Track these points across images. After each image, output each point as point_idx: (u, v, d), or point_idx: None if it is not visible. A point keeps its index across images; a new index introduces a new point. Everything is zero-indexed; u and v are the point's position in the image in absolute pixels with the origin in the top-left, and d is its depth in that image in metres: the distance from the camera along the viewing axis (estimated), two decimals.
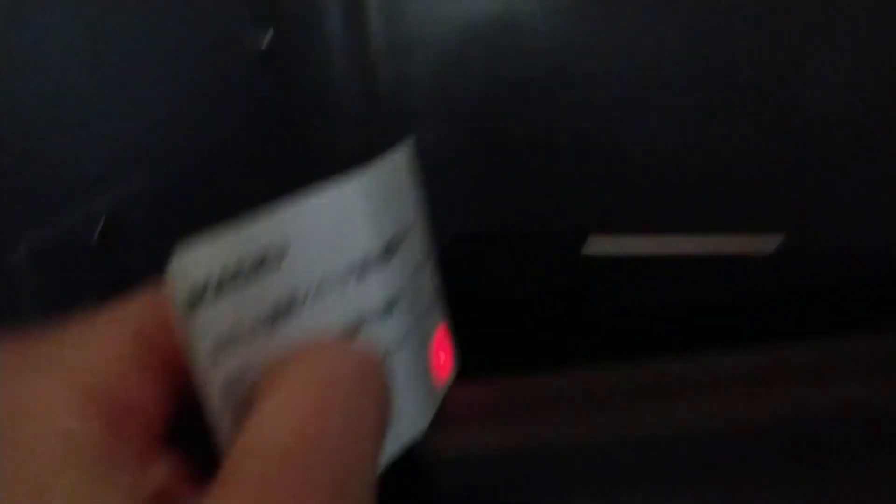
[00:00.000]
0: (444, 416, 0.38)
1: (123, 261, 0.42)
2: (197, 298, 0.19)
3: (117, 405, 0.18)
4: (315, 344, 0.20)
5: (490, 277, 0.51)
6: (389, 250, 0.24)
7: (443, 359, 0.33)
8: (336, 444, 0.18)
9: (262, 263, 0.20)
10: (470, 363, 0.40)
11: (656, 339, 0.48)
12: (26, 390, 0.18)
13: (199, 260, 0.19)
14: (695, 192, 0.56)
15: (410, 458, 0.33)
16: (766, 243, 0.51)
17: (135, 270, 0.43)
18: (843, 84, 0.53)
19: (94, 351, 0.19)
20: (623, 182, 0.58)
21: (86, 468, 0.17)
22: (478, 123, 0.59)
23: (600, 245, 0.52)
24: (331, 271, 0.22)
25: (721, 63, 0.54)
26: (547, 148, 0.59)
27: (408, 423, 0.29)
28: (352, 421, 0.18)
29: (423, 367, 0.30)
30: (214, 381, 0.19)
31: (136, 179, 0.43)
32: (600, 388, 0.40)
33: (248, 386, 0.20)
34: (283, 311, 0.21)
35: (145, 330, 0.19)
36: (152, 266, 0.20)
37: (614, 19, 0.55)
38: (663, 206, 0.58)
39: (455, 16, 0.56)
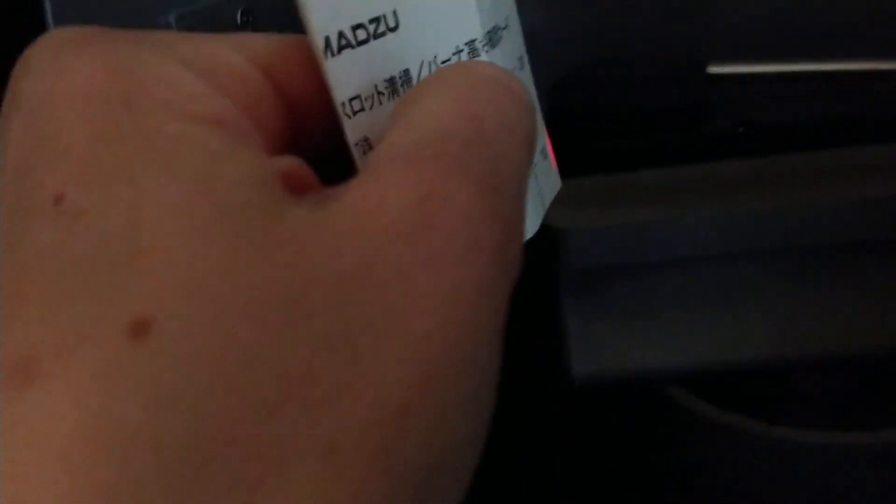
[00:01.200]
0: (568, 196, 0.40)
1: None
2: (329, 45, 0.18)
3: (242, 96, 0.17)
4: (448, 66, 0.19)
5: (614, 96, 0.51)
6: (493, 40, 0.23)
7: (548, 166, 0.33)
8: (490, 134, 0.17)
9: (378, 27, 0.19)
10: (592, 170, 0.41)
11: (778, 149, 0.48)
12: (144, 58, 0.16)
13: (328, 8, 0.18)
14: (817, 24, 0.54)
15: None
16: (893, 66, 0.50)
17: None
18: None
19: (216, 52, 0.17)
20: (743, 15, 0.57)
21: (216, 127, 0.16)
22: None
23: (725, 65, 0.52)
24: (442, 47, 0.21)
25: None
26: None
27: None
28: (503, 119, 0.17)
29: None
30: (350, 132, 0.19)
31: None
32: (714, 176, 0.41)
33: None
34: (400, 83, 0.20)
35: (269, 58, 0.18)
36: None
37: None
38: (786, 42, 0.57)
39: None
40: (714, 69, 0.52)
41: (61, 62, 0.16)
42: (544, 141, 0.32)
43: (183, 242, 0.14)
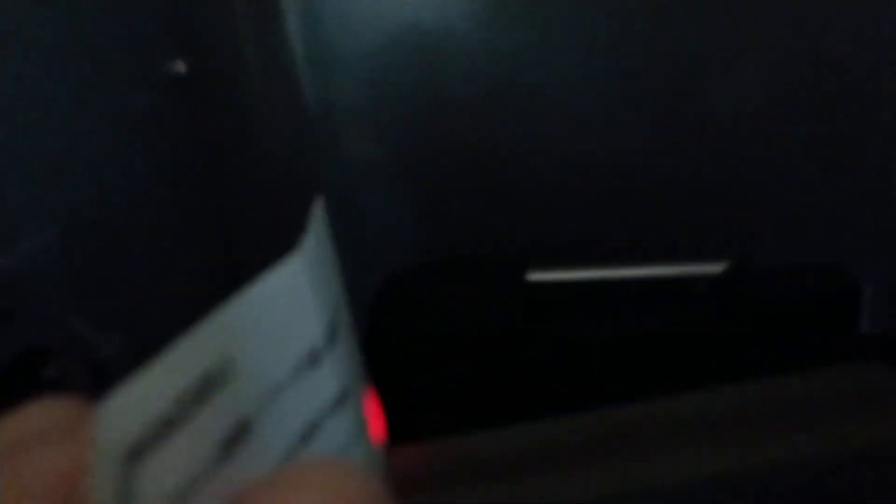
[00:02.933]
0: (395, 482, 0.36)
1: (26, 325, 0.38)
2: (135, 454, 0.16)
3: None
4: (298, 469, 0.18)
5: (431, 313, 0.49)
6: (334, 333, 0.21)
7: (375, 426, 0.31)
8: None
9: (205, 387, 0.17)
10: (415, 412, 0.38)
11: (603, 377, 0.46)
12: None
13: (132, 408, 0.16)
14: (638, 218, 0.54)
15: None
16: (711, 268, 0.50)
17: (39, 336, 0.40)
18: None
19: None
20: (562, 207, 0.56)
21: None
22: (411, 144, 0.57)
23: (544, 272, 0.50)
24: (283, 371, 0.19)
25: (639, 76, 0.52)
26: (483, 169, 0.58)
27: None
28: None
29: (371, 451, 0.27)
30: None
31: (42, 237, 0.40)
32: (552, 444, 0.39)
33: None
34: (236, 439, 0.18)
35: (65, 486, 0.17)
36: (59, 327, 0.17)
37: (543, 32, 0.52)
38: (605, 234, 0.56)
39: (381, 30, 0.53)
40: (534, 276, 0.50)
41: None
42: (368, 392, 0.29)
43: None
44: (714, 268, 0.49)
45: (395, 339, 0.47)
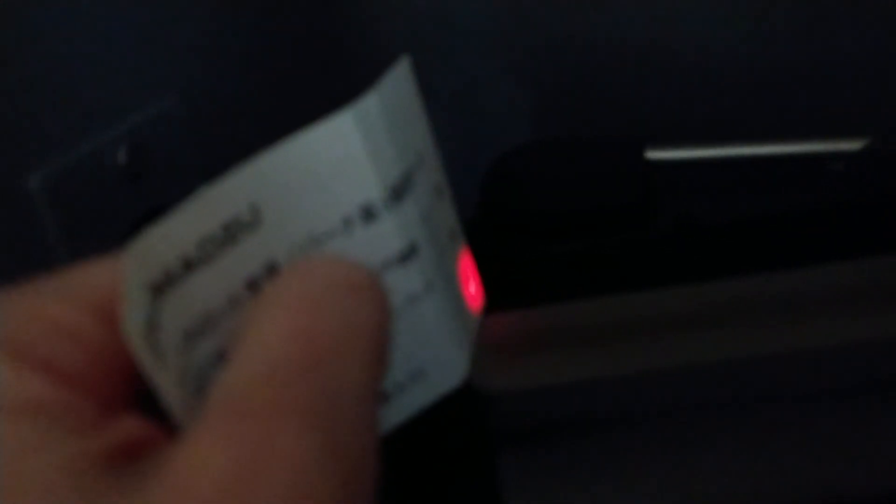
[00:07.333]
0: (502, 346, 0.36)
1: (154, 188, 0.39)
2: (158, 289, 0.17)
3: (71, 361, 0.17)
4: (296, 264, 0.18)
5: (549, 188, 0.48)
6: (399, 192, 0.21)
7: (471, 289, 0.30)
8: (327, 351, 0.16)
9: (231, 231, 0.18)
10: (529, 287, 0.38)
11: (725, 257, 0.45)
12: None
13: (155, 247, 0.17)
14: (760, 101, 0.51)
15: (466, 389, 0.31)
16: (847, 145, 0.47)
17: (167, 199, 0.40)
18: None
19: (39, 314, 0.17)
20: (683, 90, 0.54)
21: (29, 415, 0.15)
22: (533, 32, 0.56)
23: (664, 150, 0.49)
24: (323, 222, 0.19)
25: None
26: (602, 54, 0.56)
27: (447, 367, 0.26)
28: (346, 328, 0.17)
29: (454, 307, 0.27)
30: (182, 372, 0.17)
31: (163, 102, 0.41)
32: (660, 314, 0.38)
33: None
34: (264, 279, 0.18)
35: (107, 296, 0.17)
36: (184, 193, 0.17)
37: None
38: (726, 117, 0.54)
39: None
40: (653, 154, 0.48)
41: None
42: (455, 271, 0.29)
43: None
44: (850, 145, 0.47)
45: (508, 215, 0.46)
